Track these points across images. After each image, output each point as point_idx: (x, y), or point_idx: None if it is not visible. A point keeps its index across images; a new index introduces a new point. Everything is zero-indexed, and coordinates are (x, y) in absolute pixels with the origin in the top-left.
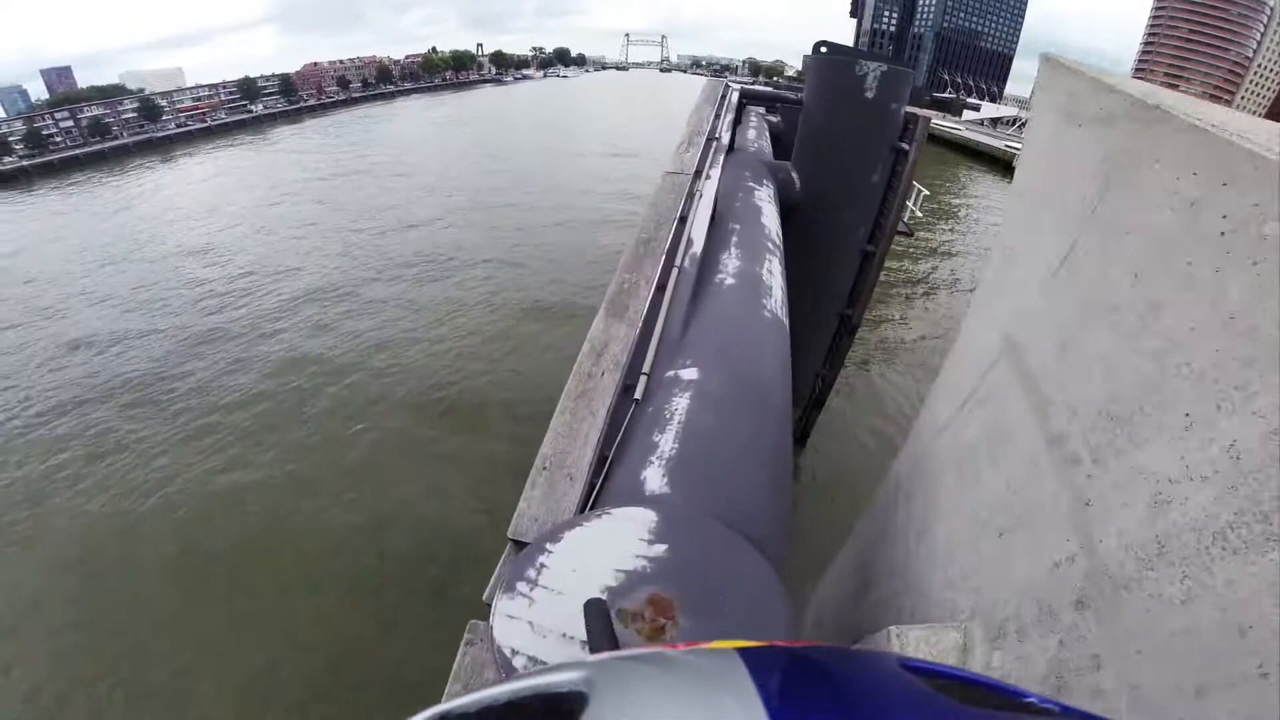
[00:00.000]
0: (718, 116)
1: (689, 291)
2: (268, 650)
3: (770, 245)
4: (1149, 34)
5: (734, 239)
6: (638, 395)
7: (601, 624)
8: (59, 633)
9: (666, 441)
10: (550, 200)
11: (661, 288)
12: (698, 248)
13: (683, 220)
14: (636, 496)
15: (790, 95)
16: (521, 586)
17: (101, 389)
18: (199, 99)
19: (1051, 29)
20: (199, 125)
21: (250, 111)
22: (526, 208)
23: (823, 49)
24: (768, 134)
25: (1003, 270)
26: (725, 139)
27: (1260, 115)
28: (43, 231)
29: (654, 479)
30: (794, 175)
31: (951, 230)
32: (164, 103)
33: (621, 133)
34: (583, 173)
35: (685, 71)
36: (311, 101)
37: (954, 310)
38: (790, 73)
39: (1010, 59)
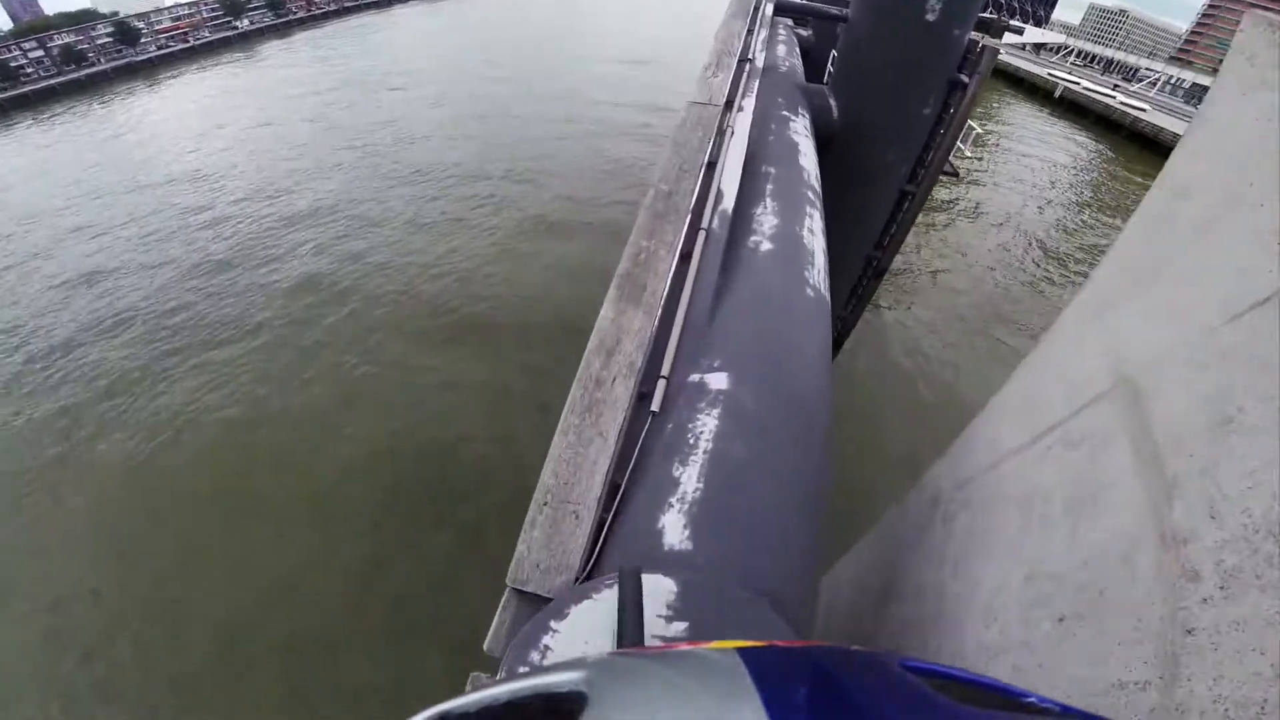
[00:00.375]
0: (750, 32)
1: (718, 261)
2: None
3: (810, 194)
4: None
5: (769, 186)
6: (655, 406)
7: (633, 596)
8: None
9: (689, 478)
10: (556, 110)
11: (686, 257)
12: (729, 202)
13: (710, 167)
14: (653, 551)
15: (832, 10)
16: (533, 656)
17: (99, 329)
18: (179, 18)
19: None
20: (181, 46)
21: (235, 28)
22: (530, 119)
23: None
24: (798, 50)
25: (1127, 286)
26: (760, 61)
27: None
28: (27, 167)
29: (673, 529)
30: (831, 101)
31: (979, 159)
32: (141, 25)
33: (633, 36)
34: (594, 81)
35: None
36: (300, 14)
37: (973, 243)
38: None
39: None
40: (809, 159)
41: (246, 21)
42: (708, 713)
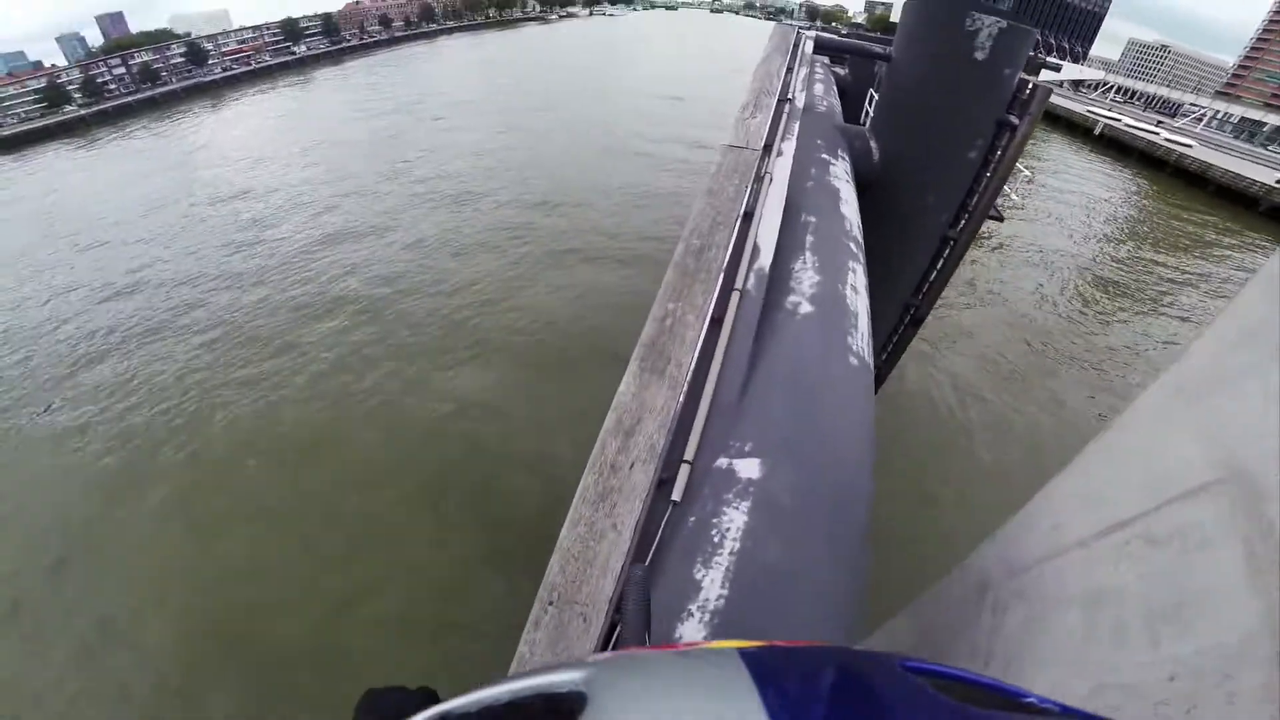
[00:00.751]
0: (790, 70)
1: (752, 327)
2: None
3: (853, 246)
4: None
5: (809, 238)
6: (676, 496)
7: (639, 598)
8: None
9: (712, 582)
10: (594, 142)
11: (717, 322)
12: (766, 258)
13: (747, 218)
14: None
15: (874, 48)
16: None
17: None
18: (243, 41)
19: None
20: (244, 69)
21: (293, 53)
22: (566, 151)
23: None
24: (835, 89)
25: (1242, 362)
26: (800, 100)
27: None
28: (118, 178)
29: (691, 640)
30: (872, 144)
31: (1012, 192)
32: (210, 46)
33: (669, 74)
34: (633, 113)
35: (737, 13)
36: (353, 41)
37: (1007, 280)
38: (857, 19)
39: (1100, 18)
40: (850, 206)
41: (304, 47)
42: (708, 713)
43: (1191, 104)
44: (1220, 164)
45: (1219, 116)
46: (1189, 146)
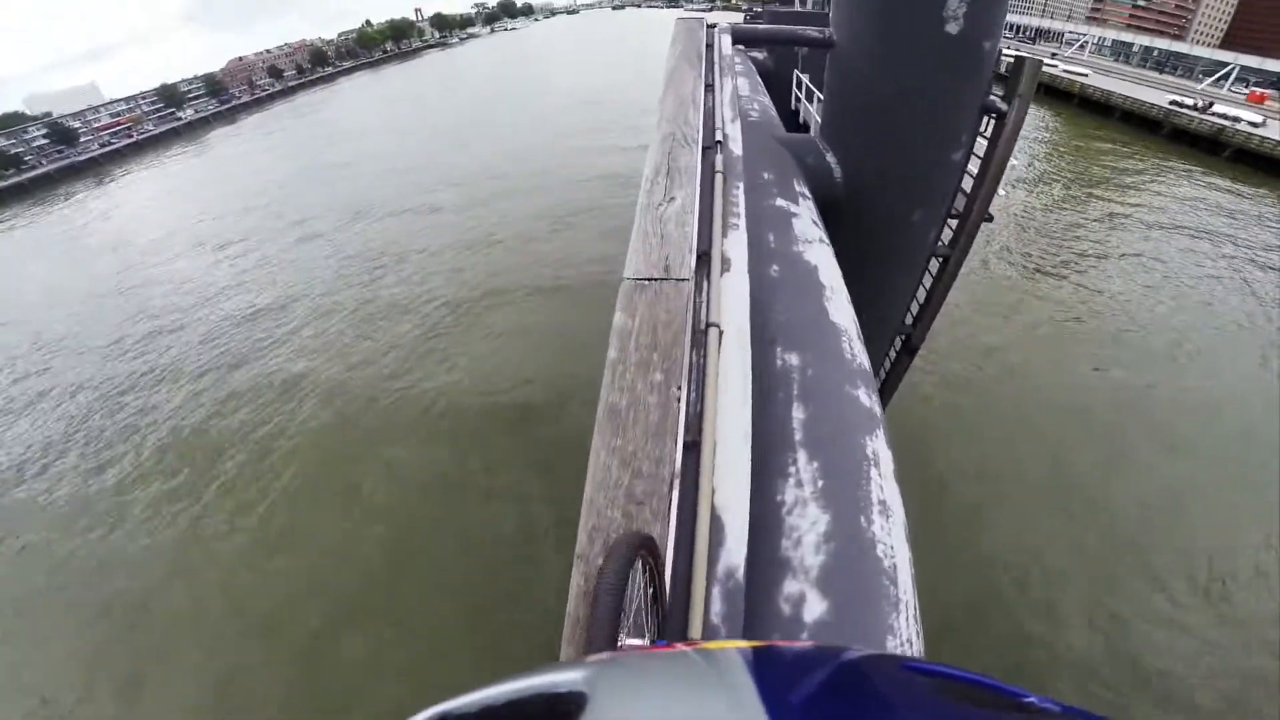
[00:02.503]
0: (711, 88)
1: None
2: None
3: (855, 365)
4: None
5: (794, 377)
6: None
7: (621, 563)
8: None
9: None
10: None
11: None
12: (739, 483)
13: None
14: None
15: (809, 32)
16: None
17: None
18: (117, 114)
19: None
20: (126, 141)
21: (180, 119)
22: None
23: None
24: (760, 82)
25: None
26: (735, 142)
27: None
28: None
29: None
30: (829, 159)
31: (1003, 187)
32: (77, 123)
33: (584, 87)
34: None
35: (639, 7)
36: (245, 98)
37: (985, 292)
38: None
39: None
40: (823, 256)
41: (191, 111)
42: (708, 713)
43: (1071, 32)
44: (1119, 90)
45: (1095, 41)
46: (1085, 75)
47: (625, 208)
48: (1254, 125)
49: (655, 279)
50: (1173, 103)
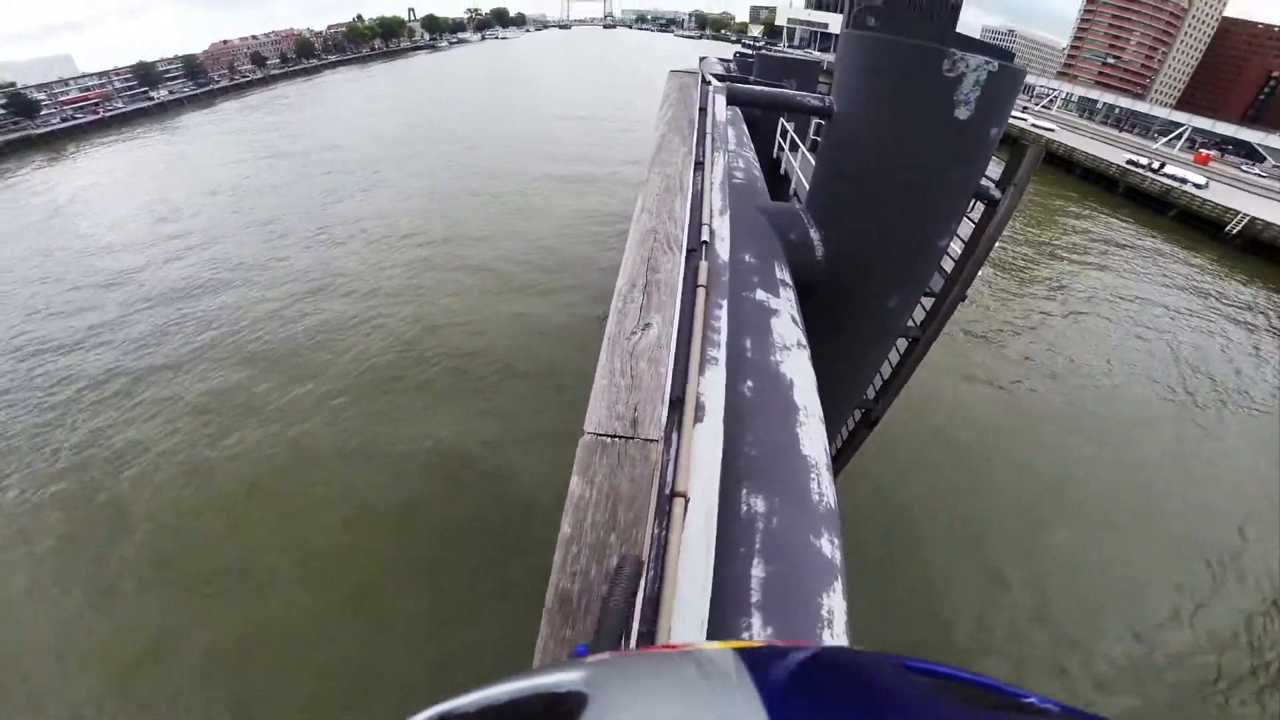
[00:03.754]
0: (700, 165)
1: None
2: None
3: (822, 506)
4: None
5: (747, 495)
6: None
7: (627, 590)
8: None
9: None
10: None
11: None
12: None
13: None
14: None
15: (808, 100)
16: None
17: None
18: (87, 89)
19: None
20: (91, 117)
21: (152, 99)
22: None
23: (871, 20)
24: (744, 127)
25: None
26: (723, 244)
27: (1194, 64)
28: None
29: None
30: (813, 235)
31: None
32: (41, 95)
33: (570, 103)
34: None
35: (630, 26)
36: (224, 83)
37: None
38: (755, 31)
39: (958, 7)
40: (799, 367)
41: (165, 92)
42: (707, 713)
43: (1042, 86)
44: (1082, 148)
45: (1064, 97)
46: (1052, 130)
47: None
48: (1198, 187)
49: (620, 437)
50: (1129, 161)
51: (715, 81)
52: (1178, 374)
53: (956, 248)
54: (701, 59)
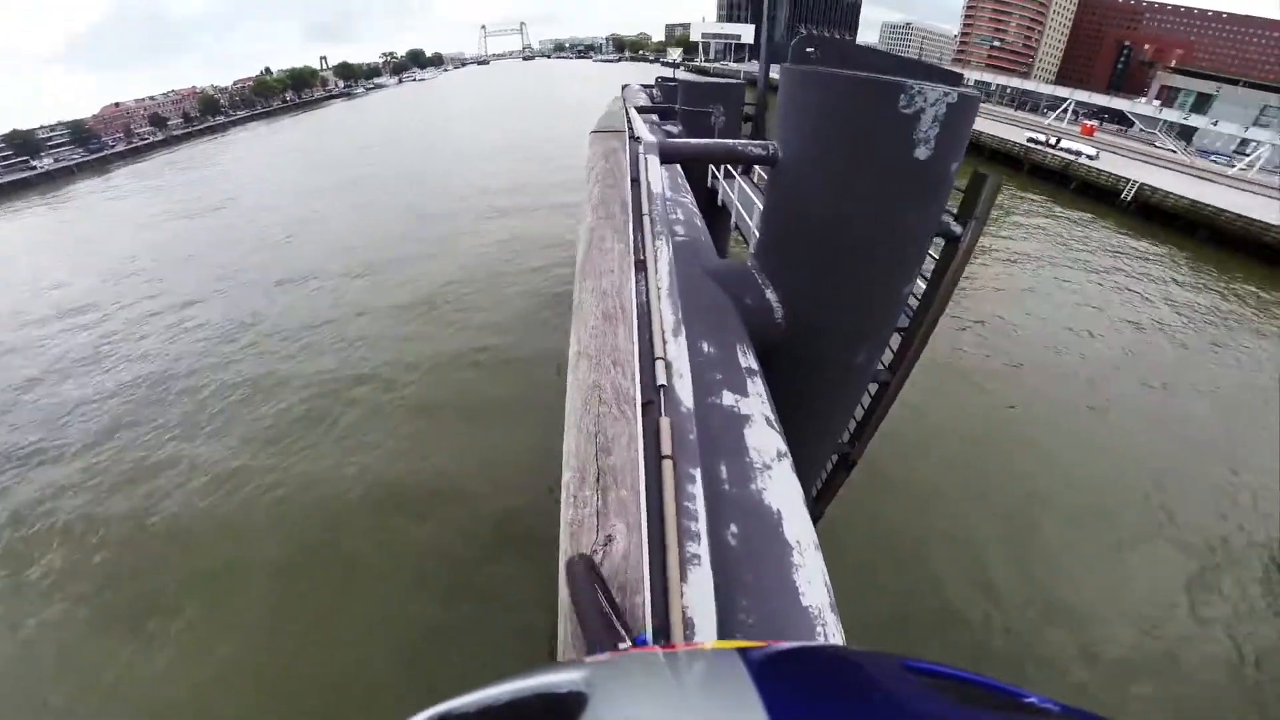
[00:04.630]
0: (641, 266)
1: None
2: None
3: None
4: None
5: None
6: None
7: (588, 583)
8: None
9: None
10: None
11: None
12: None
13: None
14: None
15: (751, 149)
16: None
17: None
18: None
19: None
20: None
21: (34, 168)
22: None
23: (810, 51)
24: (683, 181)
25: None
26: (685, 388)
27: (1064, 40)
28: None
29: None
30: (769, 297)
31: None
32: None
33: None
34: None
35: (549, 56)
36: (120, 147)
37: None
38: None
39: (858, 7)
40: (792, 512)
41: (49, 160)
42: (707, 713)
43: None
44: (988, 130)
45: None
46: None
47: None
48: (1090, 159)
49: None
50: (1030, 139)
51: (645, 134)
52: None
53: (920, 284)
54: (624, 86)
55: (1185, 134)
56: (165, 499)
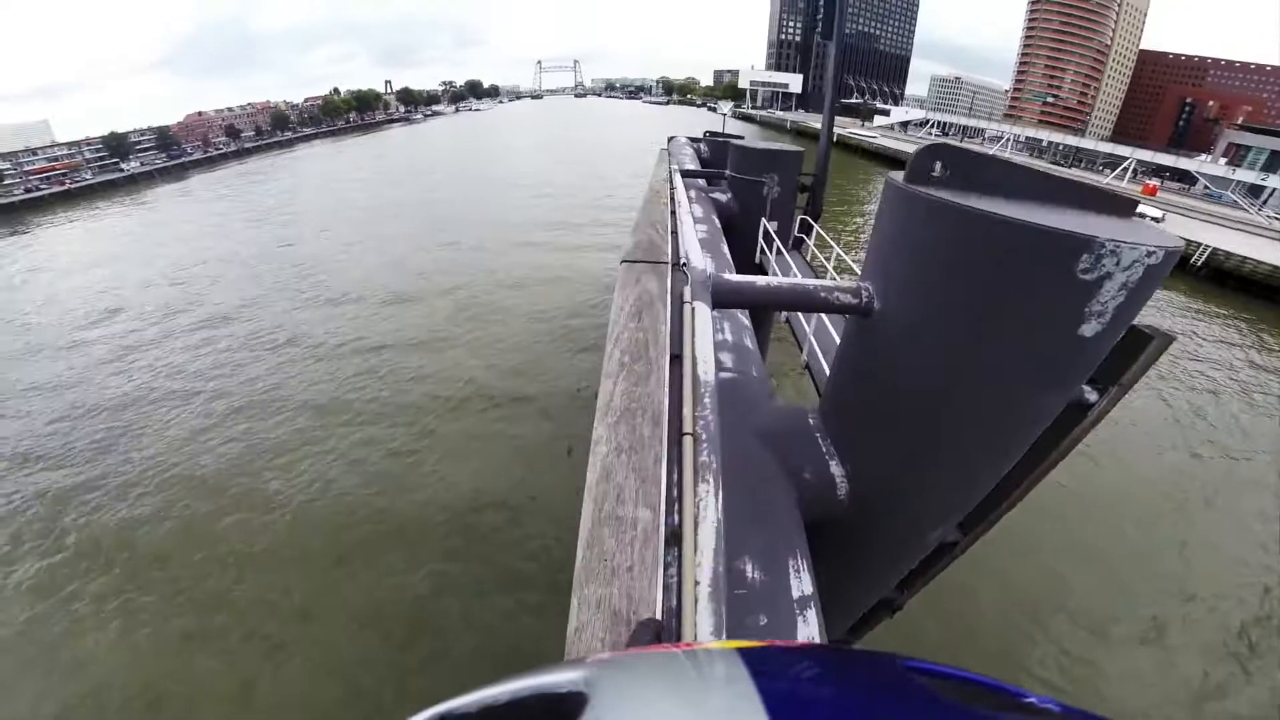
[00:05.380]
0: (678, 496)
1: None
2: None
3: None
4: (1028, 28)
5: None
6: None
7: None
8: None
9: None
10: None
11: None
12: None
13: None
14: None
15: (840, 295)
16: None
17: None
18: (55, 159)
19: (938, 30)
20: (57, 189)
21: (122, 170)
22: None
23: (938, 167)
24: (728, 255)
25: None
26: (706, 573)
27: (1122, 96)
28: None
29: None
30: (833, 468)
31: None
32: (6, 164)
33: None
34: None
35: (599, 94)
36: (197, 155)
37: None
38: (709, 85)
39: (907, 60)
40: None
41: (136, 163)
42: (708, 713)
43: (994, 131)
44: None
45: (1013, 138)
46: None
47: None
48: (1157, 221)
49: None
50: None
51: (695, 258)
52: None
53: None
54: (670, 139)
55: (1254, 192)
56: None
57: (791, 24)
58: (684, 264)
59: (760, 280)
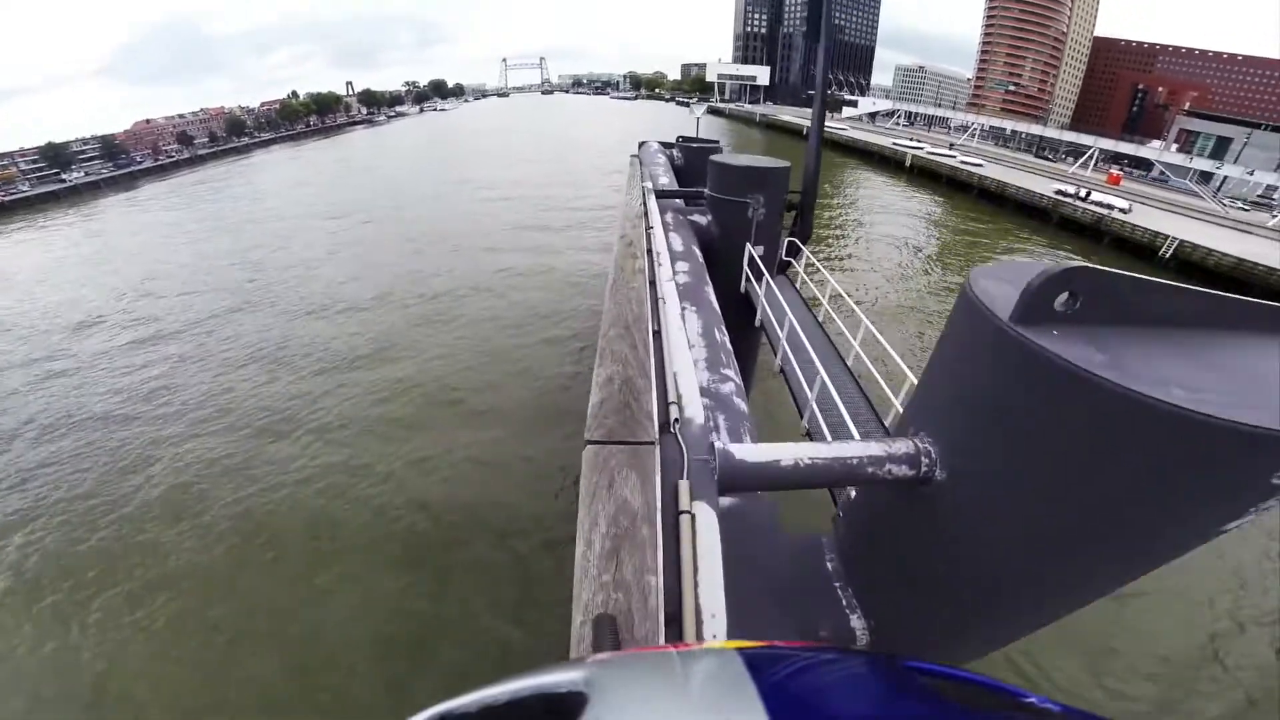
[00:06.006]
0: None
1: None
2: None
3: None
4: (988, 16)
5: None
6: None
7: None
8: None
9: None
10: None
11: None
12: None
13: None
14: None
15: (900, 467)
16: None
17: None
18: None
19: (901, 19)
20: None
21: (63, 180)
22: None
23: (1066, 301)
24: (713, 303)
25: None
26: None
27: (1079, 83)
28: None
29: None
30: (854, 623)
31: (853, 242)
32: None
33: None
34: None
35: (567, 91)
36: (147, 164)
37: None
38: (676, 80)
39: (872, 50)
40: None
41: (80, 173)
42: (708, 713)
43: (961, 122)
44: (1013, 181)
45: (980, 128)
46: (980, 166)
47: None
48: (1123, 212)
49: None
50: (1058, 192)
51: (690, 411)
52: None
53: None
54: (641, 144)
55: (1204, 178)
56: None
57: (757, 16)
58: (675, 424)
59: (786, 456)
